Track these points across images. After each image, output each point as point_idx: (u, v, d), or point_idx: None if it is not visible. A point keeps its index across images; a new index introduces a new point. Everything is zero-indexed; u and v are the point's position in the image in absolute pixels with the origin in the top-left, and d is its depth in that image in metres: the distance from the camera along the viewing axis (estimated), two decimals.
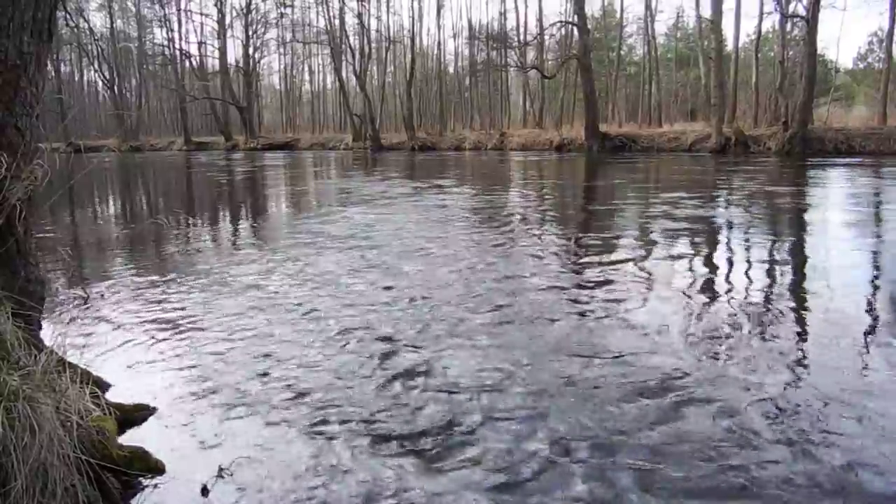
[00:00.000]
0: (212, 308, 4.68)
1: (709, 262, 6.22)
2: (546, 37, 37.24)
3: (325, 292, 5.06)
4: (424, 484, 2.36)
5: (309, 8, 49.81)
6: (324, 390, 3.18)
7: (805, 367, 3.37)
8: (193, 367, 3.52)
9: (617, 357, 3.52)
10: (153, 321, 4.39)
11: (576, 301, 4.68)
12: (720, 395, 3.01)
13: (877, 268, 5.77)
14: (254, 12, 45.28)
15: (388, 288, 5.13)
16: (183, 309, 4.68)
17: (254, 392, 3.18)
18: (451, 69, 49.01)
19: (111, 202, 14.66)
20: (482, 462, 2.49)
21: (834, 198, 11.02)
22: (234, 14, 46.05)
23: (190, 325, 4.27)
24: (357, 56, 41.24)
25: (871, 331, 3.94)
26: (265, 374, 3.39)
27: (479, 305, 4.57)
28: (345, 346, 3.80)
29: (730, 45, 31.51)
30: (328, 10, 42.41)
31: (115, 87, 49.75)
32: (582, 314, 4.35)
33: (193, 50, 49.43)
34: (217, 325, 4.25)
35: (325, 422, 2.85)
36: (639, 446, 2.57)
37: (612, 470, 2.41)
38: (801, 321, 4.21)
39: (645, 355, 3.53)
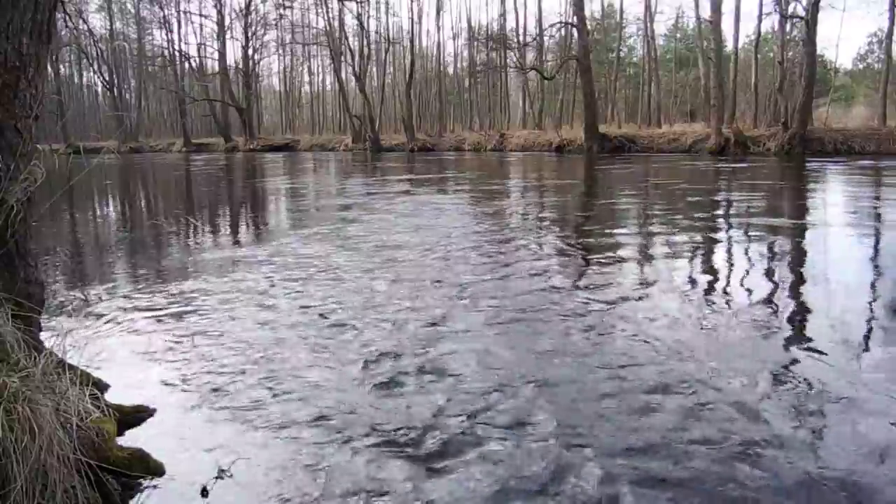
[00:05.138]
0: (211, 309, 4.68)
1: (718, 263, 6.23)
2: (545, 38, 37.35)
3: (342, 307, 5.06)
4: (431, 489, 2.36)
5: (308, 9, 49.92)
6: (323, 394, 3.18)
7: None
8: (193, 368, 3.52)
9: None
10: (152, 322, 4.39)
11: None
12: None
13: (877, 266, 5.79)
14: (253, 13, 45.41)
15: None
16: (182, 310, 4.68)
17: (254, 393, 3.17)
18: (450, 70, 49.15)
19: (111, 203, 14.66)
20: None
21: (833, 198, 11.03)
22: (234, 15, 46.21)
23: (189, 327, 4.26)
24: (356, 57, 41.28)
25: None
26: (266, 375, 3.38)
27: None
28: (330, 342, 3.81)
29: (729, 46, 31.62)
30: (327, 12, 42.50)
31: (115, 89, 49.79)
32: None
33: (193, 51, 49.66)
34: (217, 327, 4.25)
35: (325, 422, 2.84)
36: None
37: None
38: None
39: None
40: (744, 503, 2.20)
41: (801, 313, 4.41)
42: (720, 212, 9.70)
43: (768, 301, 4.66)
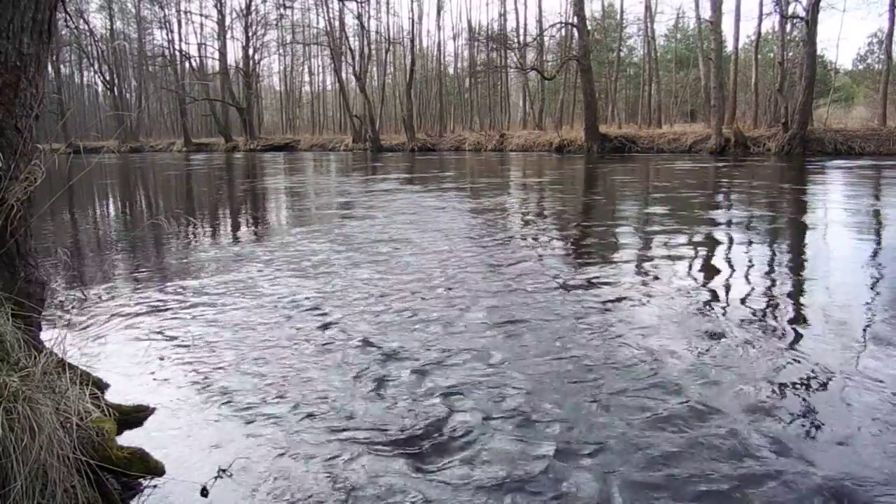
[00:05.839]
0: (211, 307, 4.68)
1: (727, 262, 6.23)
2: (546, 38, 37.32)
3: (334, 307, 5.07)
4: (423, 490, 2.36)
5: (308, 9, 49.95)
6: (321, 391, 3.18)
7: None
8: (192, 367, 3.52)
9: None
10: (152, 321, 4.39)
11: None
12: None
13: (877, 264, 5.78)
14: (253, 13, 45.38)
15: None
16: (182, 309, 4.68)
17: (254, 391, 3.18)
18: (450, 70, 49.13)
19: (111, 203, 14.65)
20: None
21: (833, 198, 11.02)
22: (234, 15, 46.23)
23: (189, 325, 4.26)
24: (357, 57, 41.29)
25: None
26: (266, 374, 3.39)
27: None
28: (329, 344, 3.81)
29: (729, 46, 31.60)
30: (328, 12, 42.51)
31: (115, 89, 49.79)
32: None
33: (193, 51, 49.60)
34: (216, 325, 4.25)
35: (324, 422, 2.85)
36: None
37: None
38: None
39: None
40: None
41: (796, 308, 4.41)
42: (720, 211, 9.70)
43: (765, 295, 4.67)
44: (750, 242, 7.11)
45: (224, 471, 2.43)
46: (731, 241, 7.30)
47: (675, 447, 2.58)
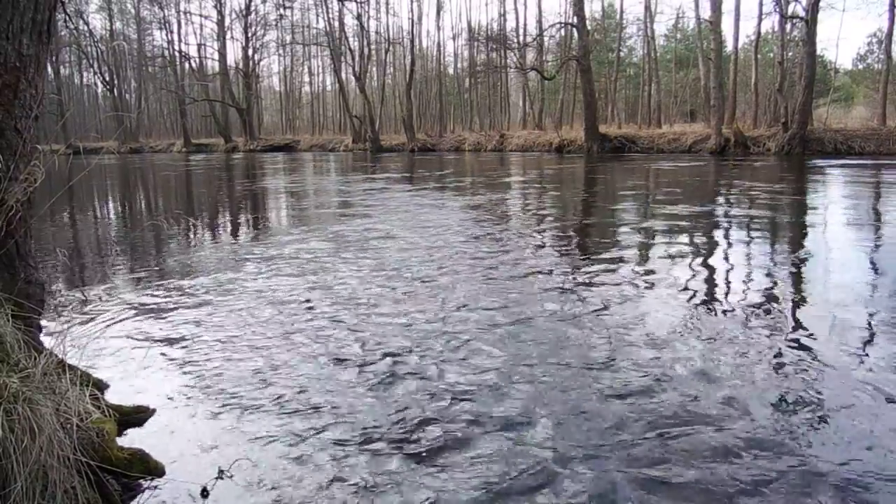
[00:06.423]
0: (211, 307, 4.68)
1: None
2: (545, 38, 37.30)
3: (339, 307, 5.07)
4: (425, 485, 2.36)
5: (308, 9, 49.96)
6: (319, 393, 3.18)
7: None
8: (193, 368, 3.52)
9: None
10: (152, 321, 4.39)
11: None
12: None
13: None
14: (253, 14, 45.38)
15: None
16: (182, 309, 4.68)
17: (254, 392, 3.18)
18: (450, 70, 49.11)
19: (110, 204, 14.65)
20: None
21: (832, 198, 11.03)
22: (234, 16, 46.20)
23: (189, 326, 4.27)
24: (356, 57, 41.29)
25: None
26: (265, 375, 3.39)
27: None
28: (327, 343, 3.81)
29: (729, 46, 31.56)
30: (328, 12, 42.50)
31: (115, 89, 49.78)
32: None
33: (193, 52, 49.63)
34: (216, 325, 4.25)
35: (324, 421, 2.85)
36: None
37: None
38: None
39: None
40: None
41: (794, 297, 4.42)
42: (717, 210, 9.70)
43: (757, 291, 4.68)
44: (748, 241, 7.11)
45: (224, 471, 2.43)
46: (728, 239, 7.31)
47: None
